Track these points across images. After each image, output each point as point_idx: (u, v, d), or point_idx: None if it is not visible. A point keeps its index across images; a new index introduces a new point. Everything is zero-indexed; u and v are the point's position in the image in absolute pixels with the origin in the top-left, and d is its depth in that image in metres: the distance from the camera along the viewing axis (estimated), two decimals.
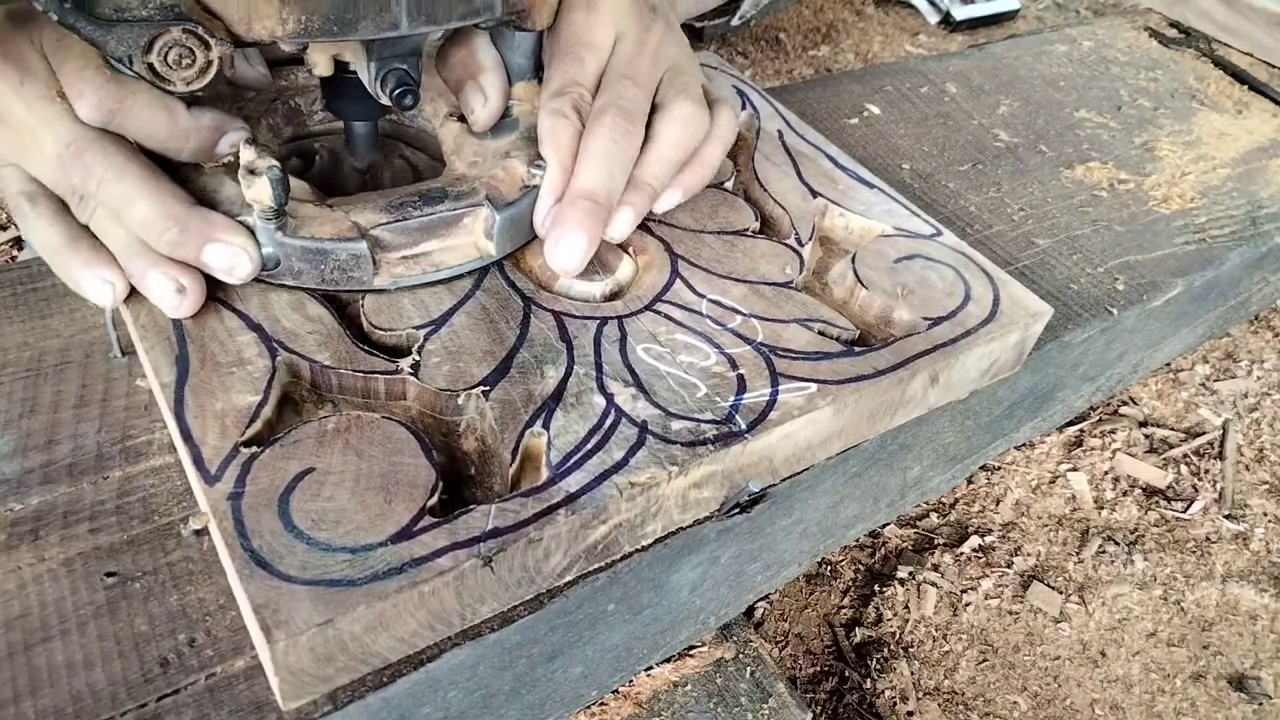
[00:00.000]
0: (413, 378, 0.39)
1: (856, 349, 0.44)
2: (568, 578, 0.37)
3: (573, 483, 0.36)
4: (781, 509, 0.46)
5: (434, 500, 0.34)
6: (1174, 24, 1.00)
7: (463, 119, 0.48)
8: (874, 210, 0.54)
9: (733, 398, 0.41)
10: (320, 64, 0.41)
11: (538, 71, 0.49)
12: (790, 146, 0.59)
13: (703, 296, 0.46)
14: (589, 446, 0.37)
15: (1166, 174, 0.73)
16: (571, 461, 0.37)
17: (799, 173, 0.56)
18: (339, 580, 0.31)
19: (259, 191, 0.37)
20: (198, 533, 0.36)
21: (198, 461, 0.34)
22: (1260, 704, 0.66)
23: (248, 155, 0.37)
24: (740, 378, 0.42)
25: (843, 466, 0.47)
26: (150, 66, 0.35)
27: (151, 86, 0.38)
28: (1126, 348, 0.65)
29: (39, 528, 0.36)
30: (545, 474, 0.36)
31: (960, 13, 1.54)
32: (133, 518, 0.37)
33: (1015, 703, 0.65)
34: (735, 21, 0.60)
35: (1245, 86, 0.89)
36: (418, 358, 0.40)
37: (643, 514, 0.38)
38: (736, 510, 0.42)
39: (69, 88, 0.38)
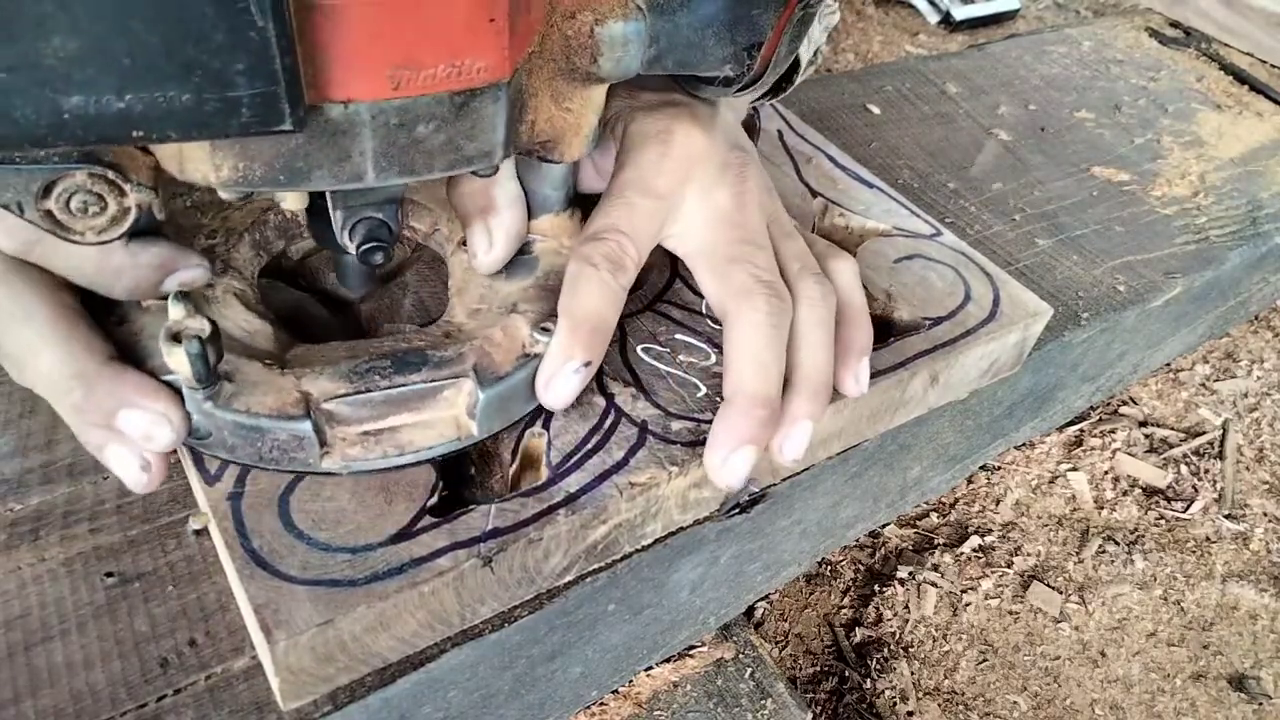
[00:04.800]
0: None
1: None
2: (568, 578, 0.37)
3: (573, 483, 0.36)
4: (781, 509, 0.46)
5: (434, 500, 0.34)
6: (1174, 24, 1.00)
7: None
8: (874, 210, 0.54)
9: None
10: (288, 199, 0.33)
11: (571, 203, 0.42)
12: (790, 146, 0.59)
13: (703, 296, 0.46)
14: (589, 446, 0.37)
15: (1166, 174, 0.73)
16: (571, 461, 0.37)
17: (799, 172, 0.56)
18: (339, 580, 0.31)
19: (177, 362, 0.31)
20: (197, 533, 0.36)
21: (198, 461, 0.34)
22: (1260, 704, 0.66)
23: (176, 313, 0.31)
24: None
25: (843, 466, 0.47)
26: (49, 214, 0.28)
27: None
28: (1126, 348, 0.65)
29: (39, 528, 0.36)
30: (545, 474, 0.36)
31: (960, 13, 1.54)
32: (133, 518, 0.37)
33: (1015, 703, 0.65)
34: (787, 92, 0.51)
35: (1245, 86, 0.89)
36: None
37: (643, 514, 0.38)
38: (736, 510, 0.42)
39: None
